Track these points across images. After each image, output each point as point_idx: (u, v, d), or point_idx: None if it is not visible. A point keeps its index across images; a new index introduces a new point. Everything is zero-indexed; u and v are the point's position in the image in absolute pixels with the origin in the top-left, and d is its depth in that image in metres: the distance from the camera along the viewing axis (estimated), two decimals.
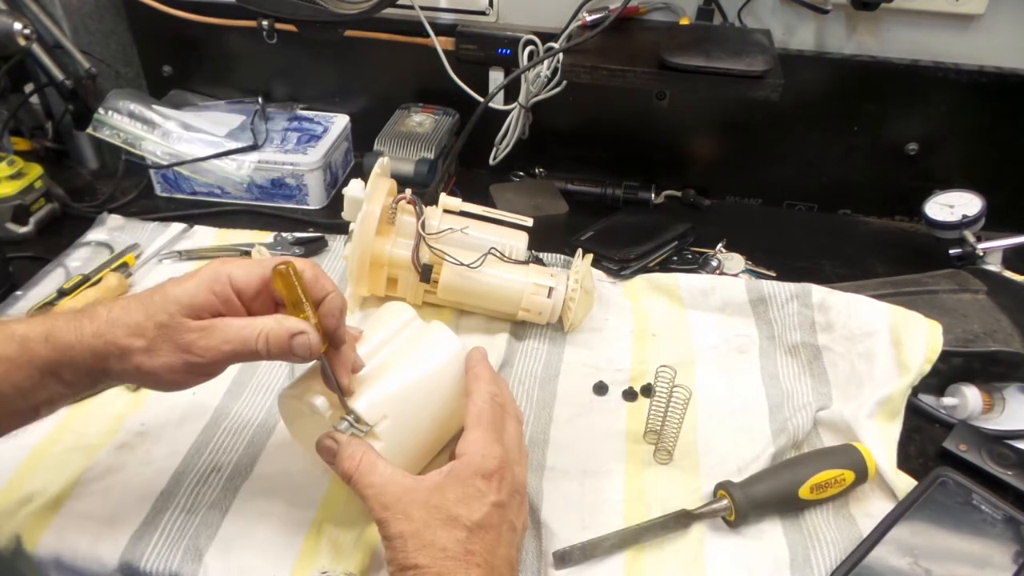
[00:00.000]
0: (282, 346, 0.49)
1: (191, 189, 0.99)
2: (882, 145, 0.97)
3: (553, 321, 0.78)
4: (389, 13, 0.89)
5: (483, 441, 0.51)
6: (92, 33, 1.02)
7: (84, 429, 0.66)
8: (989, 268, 0.84)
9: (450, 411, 0.59)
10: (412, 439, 0.57)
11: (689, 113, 0.99)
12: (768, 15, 0.92)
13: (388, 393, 0.56)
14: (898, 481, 0.62)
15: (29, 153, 1.05)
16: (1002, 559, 0.56)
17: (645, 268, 0.88)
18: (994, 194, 0.87)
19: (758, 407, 0.70)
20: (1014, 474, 0.63)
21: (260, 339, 0.49)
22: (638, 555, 0.58)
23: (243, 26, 1.01)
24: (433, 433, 0.60)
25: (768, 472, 0.61)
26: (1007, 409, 0.71)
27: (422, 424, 0.58)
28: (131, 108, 0.98)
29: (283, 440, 0.65)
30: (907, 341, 0.70)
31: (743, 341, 0.78)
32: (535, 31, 0.95)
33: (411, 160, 0.96)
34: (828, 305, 0.77)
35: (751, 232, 0.96)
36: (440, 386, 0.59)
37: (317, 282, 0.52)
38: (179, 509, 0.59)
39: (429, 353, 0.60)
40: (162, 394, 0.69)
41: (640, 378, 0.73)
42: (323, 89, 1.09)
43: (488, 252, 0.75)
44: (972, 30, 0.89)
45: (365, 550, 0.56)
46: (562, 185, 1.03)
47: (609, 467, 0.65)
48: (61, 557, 0.56)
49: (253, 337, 0.49)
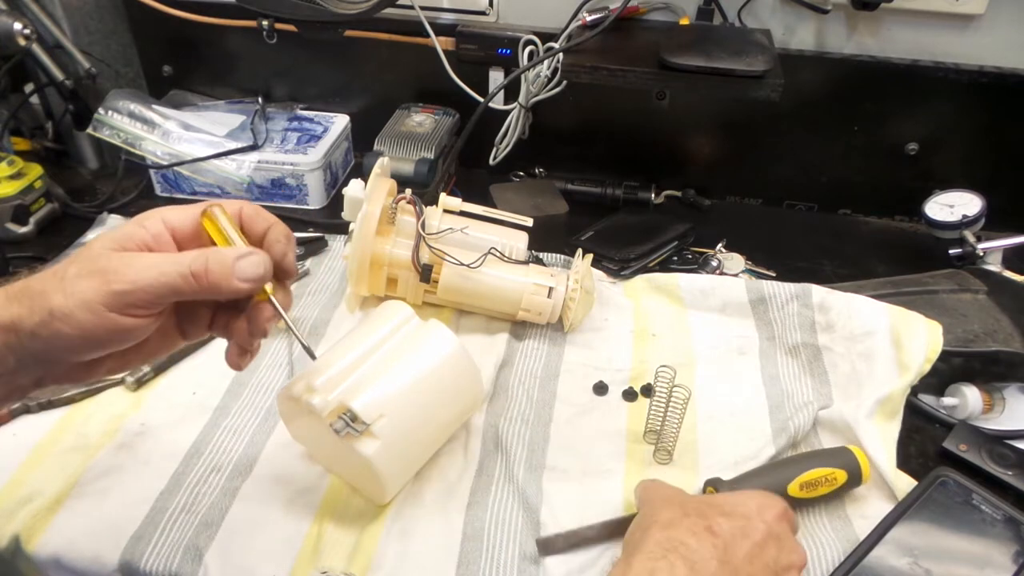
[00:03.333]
0: (224, 269, 0.42)
1: (191, 189, 0.99)
2: (882, 145, 0.97)
3: (553, 321, 0.78)
4: (389, 13, 0.89)
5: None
6: (92, 33, 1.02)
7: (84, 429, 0.66)
8: (989, 268, 0.84)
9: (448, 410, 0.59)
10: (410, 438, 0.57)
11: (689, 113, 0.99)
12: (768, 15, 0.92)
13: (386, 392, 0.56)
14: (898, 481, 0.62)
15: (29, 153, 1.05)
16: (1002, 559, 0.55)
17: (645, 268, 0.88)
18: (994, 194, 0.87)
19: (758, 407, 0.70)
20: (1014, 474, 0.63)
21: (197, 262, 0.42)
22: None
23: (243, 26, 1.01)
24: (431, 432, 0.60)
25: (758, 470, 0.62)
26: (1007, 409, 0.71)
27: (420, 423, 0.58)
28: (131, 108, 0.98)
29: (283, 440, 0.65)
30: (907, 341, 0.70)
31: (743, 342, 0.78)
32: (535, 31, 0.95)
33: (411, 160, 0.96)
34: (828, 305, 0.77)
35: (751, 232, 0.96)
36: (438, 384, 0.59)
37: (258, 215, 0.47)
38: (179, 509, 0.59)
39: (427, 351, 0.60)
40: (162, 394, 0.70)
41: (640, 378, 0.73)
42: (323, 89, 1.09)
43: (488, 252, 0.75)
44: (972, 30, 0.89)
45: (365, 550, 0.56)
46: (562, 185, 1.03)
47: (609, 467, 0.65)
48: (61, 557, 0.56)
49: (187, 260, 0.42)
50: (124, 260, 0.41)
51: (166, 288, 0.42)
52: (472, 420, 0.67)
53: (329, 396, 0.55)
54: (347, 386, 0.56)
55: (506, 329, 0.78)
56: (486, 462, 0.64)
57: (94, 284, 0.40)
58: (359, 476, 0.60)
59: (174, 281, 0.41)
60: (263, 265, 0.44)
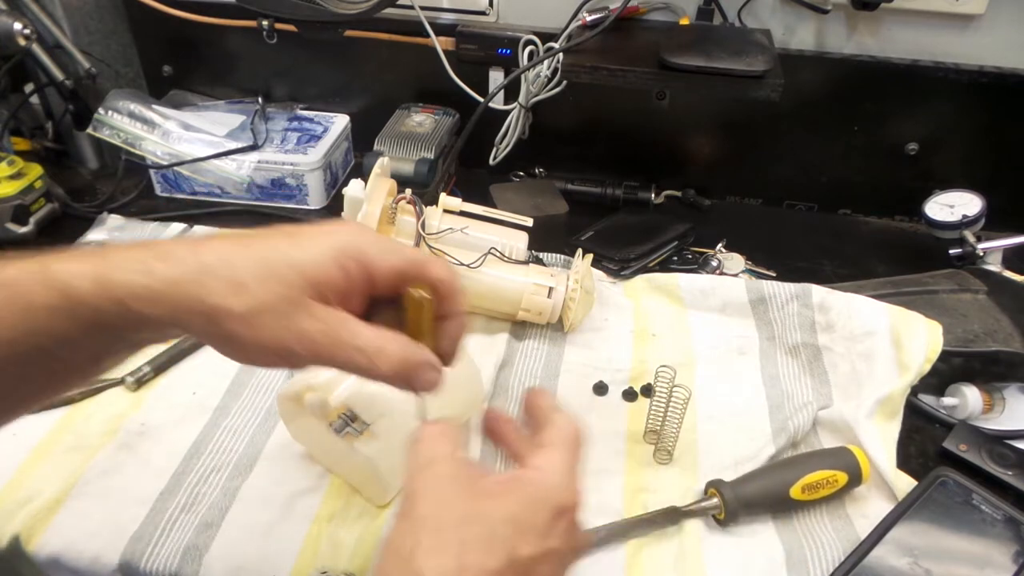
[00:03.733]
0: (407, 374, 0.40)
1: (191, 189, 0.99)
2: (882, 145, 0.97)
3: (553, 321, 0.78)
4: (389, 13, 0.89)
5: (568, 468, 0.40)
6: (92, 33, 1.02)
7: (84, 429, 0.66)
8: (989, 268, 0.84)
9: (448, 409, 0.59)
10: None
11: (689, 113, 0.99)
12: (768, 15, 0.92)
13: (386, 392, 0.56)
14: (898, 481, 0.62)
15: (29, 153, 1.05)
16: (1002, 559, 0.56)
17: (645, 268, 0.88)
18: (994, 194, 0.87)
19: (758, 407, 0.70)
20: (1014, 474, 0.63)
21: (385, 359, 0.39)
22: (637, 552, 0.58)
23: (243, 26, 1.01)
24: None
25: (759, 472, 0.61)
26: (1007, 409, 0.71)
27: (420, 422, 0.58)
28: (131, 108, 0.98)
29: (283, 440, 0.65)
30: (907, 341, 0.70)
31: (743, 342, 0.78)
32: (535, 31, 0.95)
33: (411, 160, 0.96)
34: (828, 305, 0.77)
35: (751, 232, 0.95)
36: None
37: (452, 298, 0.42)
38: (179, 509, 0.59)
39: None
40: (162, 394, 0.70)
41: (640, 378, 0.73)
42: (323, 89, 1.09)
43: (488, 252, 0.75)
44: (972, 30, 0.89)
45: (365, 550, 0.56)
46: (562, 185, 1.03)
47: (609, 467, 0.65)
48: (61, 557, 0.56)
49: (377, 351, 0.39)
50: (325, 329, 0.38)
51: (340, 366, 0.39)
52: (473, 420, 0.67)
53: (329, 396, 0.55)
54: (347, 386, 0.56)
55: (506, 329, 0.78)
56: (486, 462, 0.64)
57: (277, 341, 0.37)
58: (359, 476, 0.60)
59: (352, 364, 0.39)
60: (437, 386, 0.41)
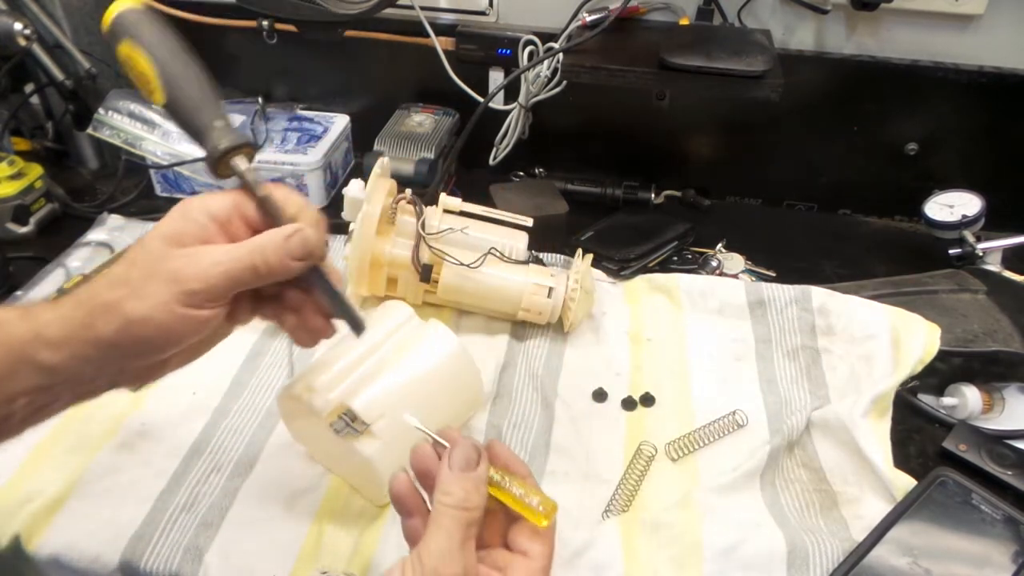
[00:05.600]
0: (278, 251, 0.44)
1: (191, 189, 0.99)
2: (882, 145, 0.97)
3: (553, 321, 0.78)
4: (389, 13, 0.89)
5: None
6: (92, 33, 1.02)
7: (84, 429, 0.66)
8: (989, 268, 0.84)
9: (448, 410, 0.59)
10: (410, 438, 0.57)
11: (689, 113, 0.99)
12: (768, 15, 0.93)
13: (386, 392, 0.56)
14: (897, 481, 0.62)
15: (29, 153, 1.05)
16: (1002, 559, 0.56)
17: (645, 268, 0.88)
18: (994, 194, 0.87)
19: (755, 411, 0.70)
20: (1014, 474, 0.63)
21: (255, 252, 0.44)
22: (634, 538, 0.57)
23: (243, 26, 1.01)
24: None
25: None
26: (1007, 409, 0.71)
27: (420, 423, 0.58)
28: (131, 108, 0.98)
29: (283, 440, 0.65)
30: (906, 343, 0.70)
31: (740, 345, 0.77)
32: (535, 31, 0.95)
33: (411, 160, 0.96)
34: (828, 308, 0.77)
35: (751, 232, 0.95)
36: (438, 384, 0.59)
37: (289, 199, 0.47)
38: (179, 509, 0.59)
39: (427, 351, 0.60)
40: (162, 394, 0.70)
41: (639, 384, 0.73)
42: (323, 89, 1.09)
43: (488, 252, 0.75)
44: (972, 30, 0.89)
45: (365, 550, 0.56)
46: (562, 185, 1.03)
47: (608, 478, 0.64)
48: (61, 557, 0.56)
49: (246, 252, 0.44)
50: (189, 259, 0.43)
51: (235, 282, 0.44)
52: (474, 421, 0.67)
53: (329, 396, 0.55)
54: (347, 386, 0.56)
55: (506, 329, 0.78)
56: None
57: (166, 287, 0.42)
58: (359, 476, 0.60)
59: (241, 275, 0.44)
60: (314, 242, 0.45)
